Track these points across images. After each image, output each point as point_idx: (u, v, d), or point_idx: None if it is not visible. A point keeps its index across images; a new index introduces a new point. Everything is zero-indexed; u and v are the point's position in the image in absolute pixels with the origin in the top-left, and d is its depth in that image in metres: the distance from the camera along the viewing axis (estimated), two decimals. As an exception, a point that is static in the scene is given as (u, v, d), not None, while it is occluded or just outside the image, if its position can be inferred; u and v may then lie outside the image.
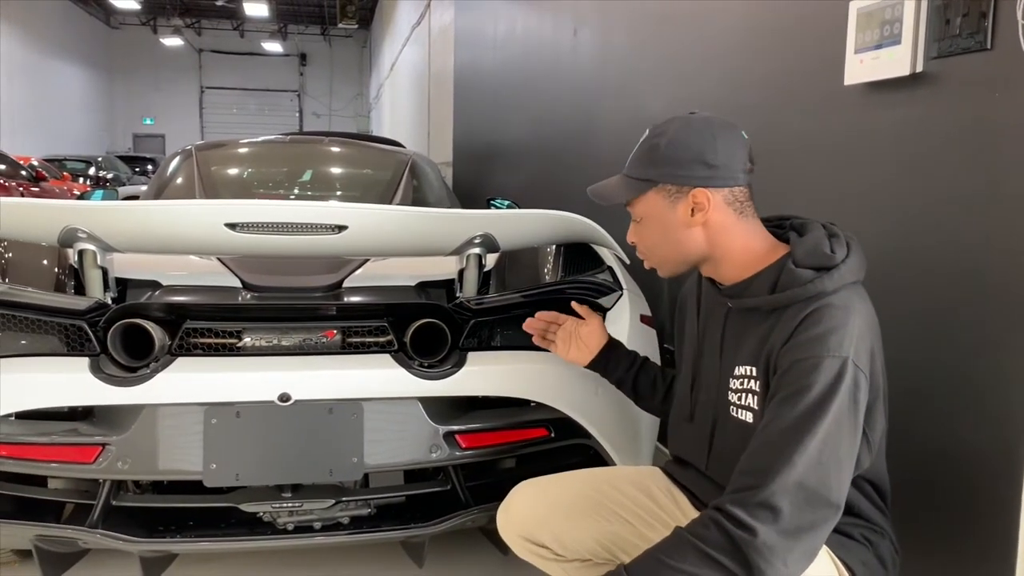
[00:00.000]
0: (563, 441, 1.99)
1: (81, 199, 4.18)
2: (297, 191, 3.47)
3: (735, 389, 1.34)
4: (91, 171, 16.18)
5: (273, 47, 29.41)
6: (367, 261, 2.16)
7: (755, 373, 1.30)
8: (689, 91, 2.85)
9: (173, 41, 27.21)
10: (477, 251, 2.00)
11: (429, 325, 1.90)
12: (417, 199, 3.33)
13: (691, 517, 1.24)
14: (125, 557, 1.88)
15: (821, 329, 1.20)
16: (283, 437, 1.79)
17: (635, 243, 1.46)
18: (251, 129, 24.79)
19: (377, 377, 1.84)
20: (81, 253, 1.85)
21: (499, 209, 3.45)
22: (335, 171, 3.80)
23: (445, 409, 1.90)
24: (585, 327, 1.76)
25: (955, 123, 1.56)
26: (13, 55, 19.60)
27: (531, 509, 1.52)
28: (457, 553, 2.44)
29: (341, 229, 1.82)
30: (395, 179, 3.41)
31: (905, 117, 1.69)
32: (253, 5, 22.50)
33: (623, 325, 2.06)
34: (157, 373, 1.75)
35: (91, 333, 1.82)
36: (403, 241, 2.02)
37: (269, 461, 1.80)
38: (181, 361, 1.80)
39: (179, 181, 3.26)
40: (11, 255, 1.99)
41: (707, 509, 1.20)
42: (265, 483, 1.83)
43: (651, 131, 1.39)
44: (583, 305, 1.81)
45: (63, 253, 2.04)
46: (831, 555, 1.27)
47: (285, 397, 1.77)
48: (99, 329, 1.81)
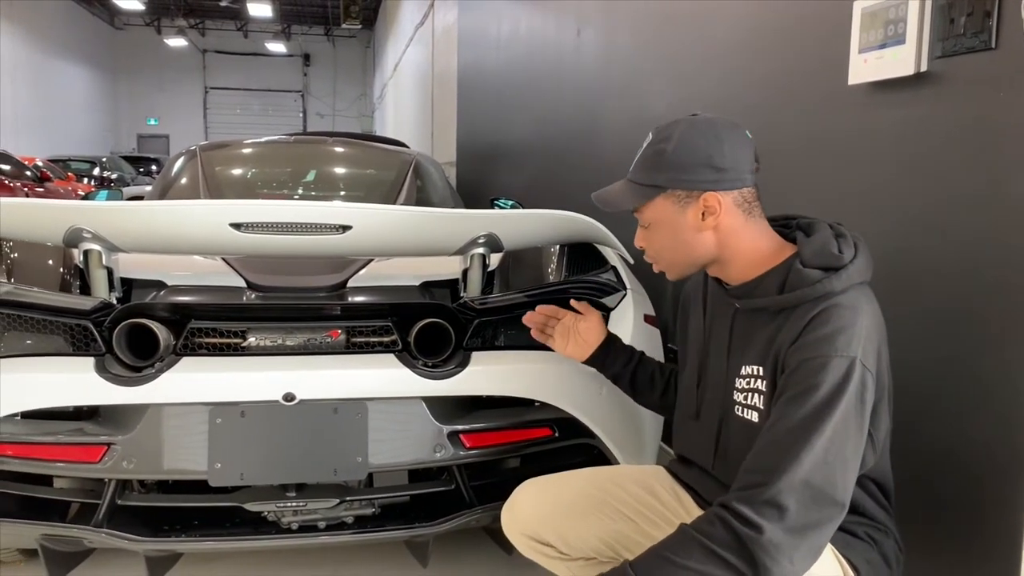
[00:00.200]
0: (567, 441, 1.99)
1: (85, 199, 4.19)
2: (301, 191, 3.47)
3: (741, 389, 1.34)
4: (95, 171, 16.23)
5: (277, 47, 29.45)
6: (371, 261, 2.16)
7: (762, 373, 1.30)
8: (692, 91, 2.85)
9: (177, 42, 27.27)
10: (481, 251, 2.00)
11: (433, 325, 1.90)
12: (421, 199, 3.33)
13: (695, 516, 1.24)
14: (130, 556, 1.89)
15: (829, 329, 1.20)
16: (288, 437, 1.80)
17: (643, 248, 1.44)
18: (255, 129, 24.83)
19: (381, 377, 1.84)
20: (86, 253, 1.85)
21: (503, 209, 3.45)
22: (339, 171, 3.81)
23: (449, 409, 1.90)
24: (584, 322, 1.76)
25: (959, 123, 1.55)
26: (18, 56, 19.66)
27: (535, 508, 1.52)
28: (461, 553, 2.44)
29: (345, 229, 1.82)
30: (399, 179, 3.41)
31: (909, 117, 1.69)
32: (257, 5, 22.52)
33: (627, 325, 2.06)
34: (162, 373, 1.75)
35: (96, 333, 1.82)
36: (407, 241, 2.02)
37: (274, 460, 1.81)
38: (186, 361, 1.80)
39: (183, 181, 3.27)
40: (17, 255, 2.00)
41: (713, 506, 1.20)
42: (270, 482, 1.83)
43: (655, 135, 1.37)
44: (582, 301, 1.81)
45: (68, 253, 2.04)
46: (836, 553, 1.28)
47: (290, 397, 1.77)
48: (104, 329, 1.82)
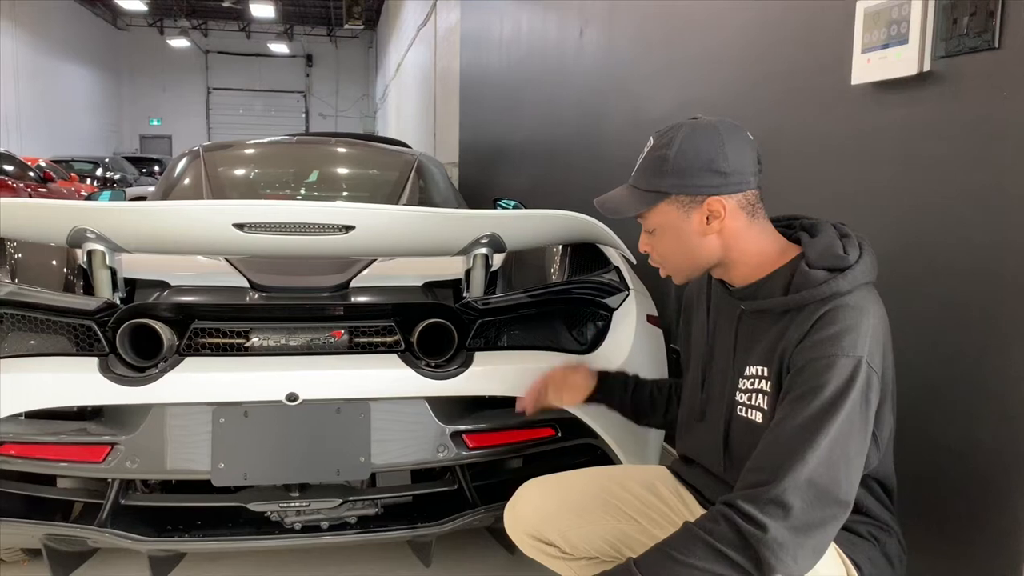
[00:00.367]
0: (570, 441, 1.99)
1: (88, 200, 4.20)
2: (304, 192, 3.47)
3: (744, 389, 1.34)
4: (98, 172, 16.26)
5: (279, 48, 29.48)
6: (374, 261, 2.16)
7: (766, 373, 1.30)
8: (695, 91, 2.85)
9: (180, 42, 27.31)
10: (484, 251, 2.00)
11: (436, 325, 1.90)
12: (423, 200, 3.33)
13: (698, 516, 1.24)
14: (134, 556, 1.90)
15: (836, 329, 1.21)
16: (291, 437, 1.80)
17: (648, 252, 1.43)
18: (257, 130, 24.86)
19: (384, 377, 1.85)
20: (90, 253, 1.85)
21: (505, 209, 3.45)
22: (342, 172, 3.81)
23: (452, 409, 1.90)
24: (575, 374, 1.77)
25: (962, 122, 1.55)
26: (20, 57, 19.70)
27: (539, 507, 1.52)
28: (464, 553, 2.44)
29: (348, 229, 1.82)
30: (402, 180, 3.41)
31: (912, 117, 1.69)
32: (259, 6, 22.55)
33: (629, 325, 2.07)
34: (165, 373, 1.76)
35: (100, 333, 1.83)
36: (410, 241, 2.02)
37: (277, 461, 1.81)
38: (189, 361, 1.80)
39: (187, 182, 3.27)
40: (20, 255, 2.00)
41: (717, 504, 1.21)
42: (273, 482, 1.84)
43: (656, 140, 1.36)
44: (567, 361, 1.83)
45: (72, 253, 2.05)
46: (839, 552, 1.28)
47: (293, 397, 1.77)
48: (108, 329, 1.82)
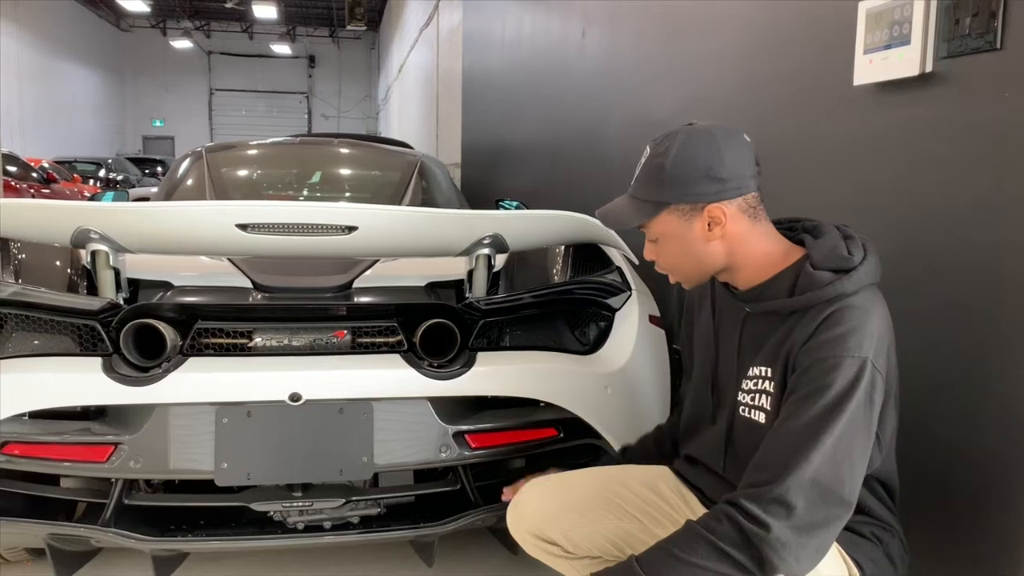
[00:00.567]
0: (572, 441, 1.99)
1: (92, 201, 4.21)
2: (307, 192, 3.48)
3: (747, 390, 1.34)
4: (101, 173, 16.29)
5: (282, 49, 29.50)
6: (377, 262, 2.17)
7: (770, 374, 1.30)
8: (697, 92, 2.85)
9: (183, 43, 27.33)
10: (486, 251, 2.00)
11: (439, 325, 1.90)
12: (426, 200, 3.34)
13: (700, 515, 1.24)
14: (137, 556, 1.90)
15: (842, 329, 1.21)
16: (294, 437, 1.80)
17: (653, 260, 1.43)
18: (260, 131, 24.88)
19: (387, 377, 1.85)
20: (94, 254, 1.86)
21: (508, 210, 3.46)
22: (344, 172, 3.81)
23: (455, 409, 1.91)
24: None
25: (965, 123, 1.55)
26: (24, 57, 19.73)
27: (541, 506, 1.52)
28: (467, 553, 2.45)
29: (351, 230, 1.83)
30: (404, 180, 3.42)
31: (914, 117, 1.69)
32: (262, 7, 22.56)
33: (632, 325, 2.07)
34: (169, 373, 1.76)
35: (104, 333, 1.83)
36: (413, 242, 2.03)
37: (280, 460, 1.81)
38: (193, 361, 1.81)
39: (190, 183, 3.28)
40: (24, 256, 2.01)
41: (720, 503, 1.21)
42: (276, 482, 1.84)
43: (652, 149, 1.35)
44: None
45: (75, 254, 2.05)
46: (841, 552, 1.28)
47: (296, 397, 1.77)
48: (112, 329, 1.83)
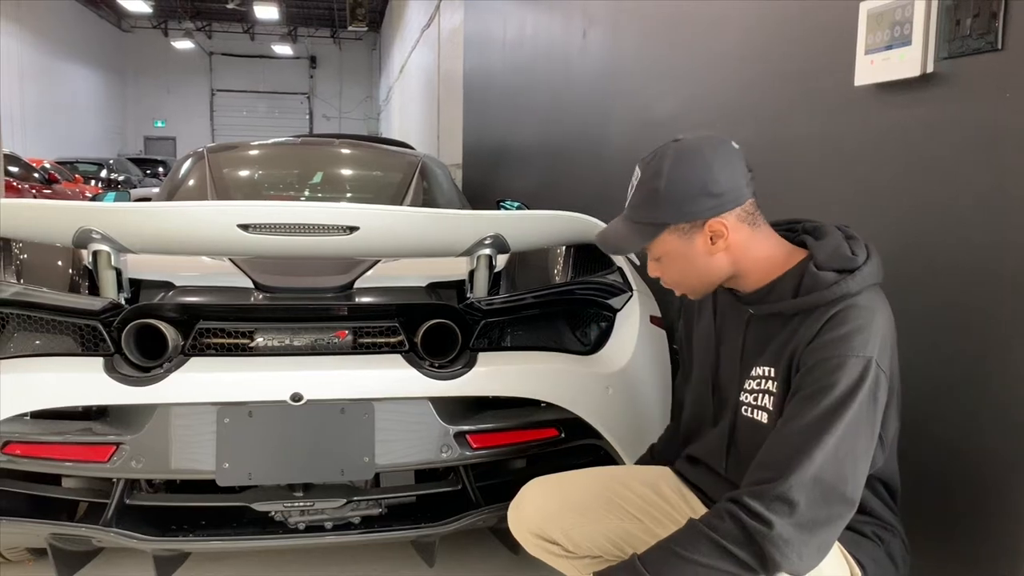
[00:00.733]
0: (573, 441, 1.99)
1: (93, 201, 4.21)
2: (308, 193, 3.48)
3: (750, 390, 1.35)
4: (103, 173, 16.31)
5: (283, 50, 29.52)
6: (378, 262, 2.17)
7: (773, 374, 1.31)
8: (698, 92, 2.86)
9: (184, 44, 27.36)
10: (487, 252, 2.00)
11: (440, 326, 1.90)
12: (427, 201, 3.34)
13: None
14: (138, 555, 1.90)
15: (847, 329, 1.21)
16: (295, 437, 1.80)
17: (659, 278, 1.44)
18: (262, 131, 24.85)
19: (388, 377, 1.85)
20: (95, 254, 1.86)
21: (509, 210, 3.46)
22: (346, 173, 3.82)
23: (456, 409, 1.91)
24: None
25: (966, 123, 1.55)
26: (25, 58, 19.75)
27: (542, 505, 1.52)
28: (468, 553, 2.45)
29: (352, 230, 1.83)
30: (405, 181, 3.42)
31: (916, 117, 1.69)
32: (263, 8, 22.60)
33: (633, 326, 2.07)
34: (170, 373, 1.76)
35: (105, 333, 1.84)
36: (414, 242, 2.03)
37: (281, 460, 1.81)
38: (194, 361, 1.81)
39: (191, 183, 3.28)
40: (26, 256, 2.01)
41: (722, 501, 1.21)
42: (277, 482, 1.84)
43: (643, 171, 1.35)
44: None
45: (77, 254, 2.06)
46: (843, 551, 1.28)
47: (297, 397, 1.78)
48: (113, 329, 1.83)
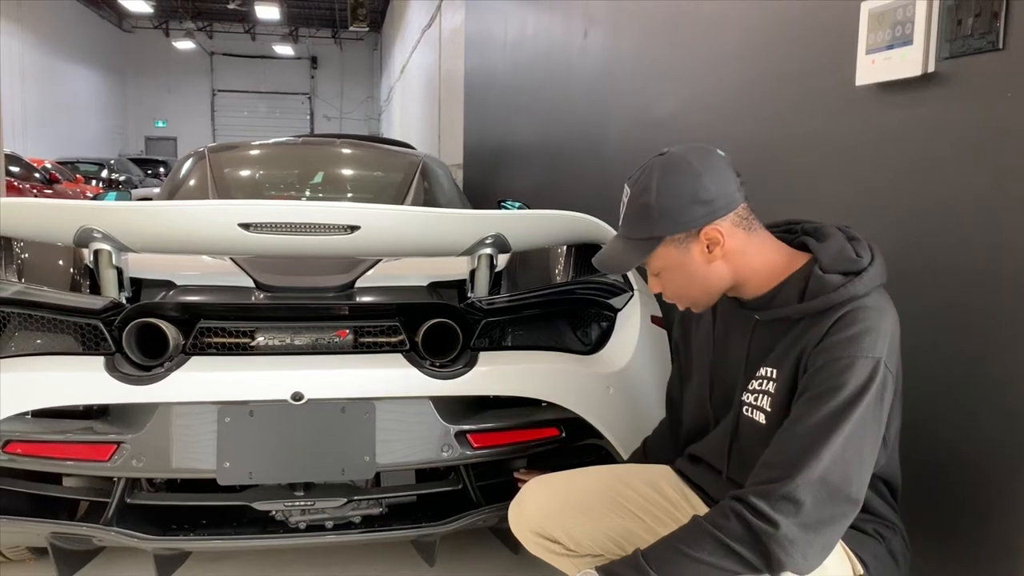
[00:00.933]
0: (574, 441, 1.99)
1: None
2: (309, 193, 3.48)
3: (752, 390, 1.35)
4: (104, 173, 16.31)
5: (284, 50, 29.53)
6: (379, 261, 2.17)
7: (774, 375, 1.31)
8: (699, 92, 2.86)
9: (185, 44, 27.37)
10: (488, 251, 2.00)
11: (441, 325, 1.90)
12: (428, 200, 3.34)
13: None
14: (139, 555, 1.90)
15: (856, 330, 1.22)
16: (296, 436, 1.80)
17: (660, 292, 1.43)
18: (263, 132, 24.83)
19: (389, 377, 1.85)
20: (96, 253, 1.86)
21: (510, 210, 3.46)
22: (347, 173, 3.82)
23: (457, 408, 1.91)
24: None
25: (967, 123, 1.55)
26: (27, 58, 19.75)
27: (543, 504, 1.52)
28: (468, 553, 2.45)
29: (353, 229, 1.83)
30: (406, 181, 3.42)
31: (917, 117, 1.69)
32: (264, 8, 22.60)
33: (634, 326, 2.07)
34: (171, 372, 1.76)
35: (106, 332, 1.83)
36: (415, 241, 2.03)
37: (282, 460, 1.81)
38: (195, 360, 1.81)
39: (192, 183, 3.28)
40: (27, 255, 2.01)
41: (727, 499, 1.21)
42: (278, 482, 1.84)
43: (632, 188, 1.35)
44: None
45: (78, 253, 2.06)
46: (845, 549, 1.28)
47: (298, 396, 1.77)
48: (114, 328, 1.83)
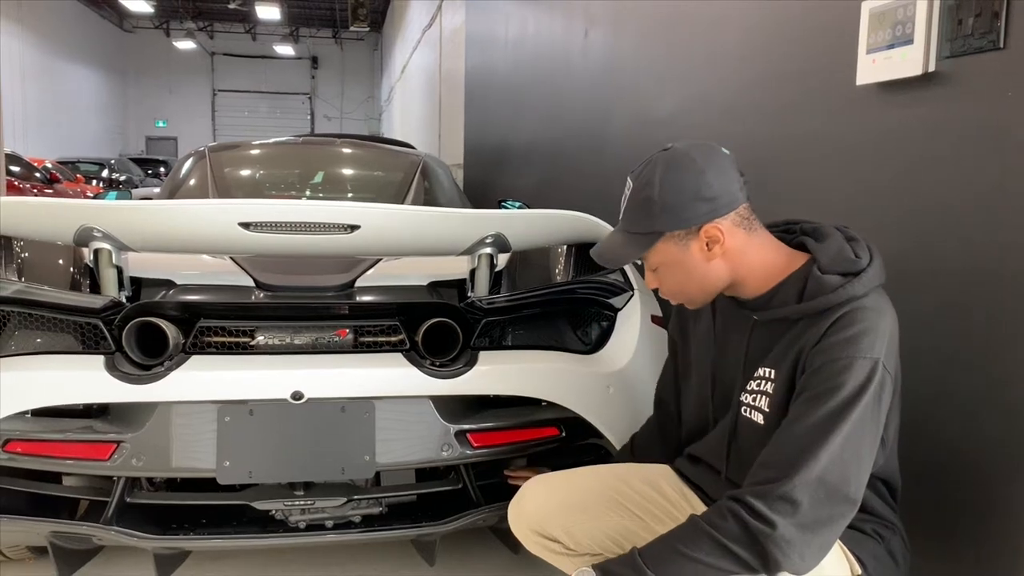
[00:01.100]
0: (574, 440, 1.99)
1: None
2: (309, 192, 3.48)
3: (750, 390, 1.35)
4: (104, 173, 16.31)
5: (285, 50, 29.54)
6: (379, 261, 2.16)
7: (772, 376, 1.31)
8: (699, 92, 2.85)
9: (186, 44, 27.36)
10: (489, 251, 2.00)
11: (441, 324, 1.90)
12: (428, 200, 3.34)
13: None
14: (139, 554, 1.90)
15: (854, 331, 1.21)
16: (296, 435, 1.80)
17: (656, 288, 1.43)
18: (263, 132, 24.78)
19: (389, 376, 1.85)
20: (96, 252, 1.86)
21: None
22: (347, 172, 3.82)
23: (457, 408, 1.90)
24: None
25: (967, 123, 1.55)
26: (27, 58, 19.76)
27: (542, 502, 1.52)
28: (468, 552, 2.45)
29: (353, 229, 1.83)
30: (407, 180, 3.42)
31: (917, 117, 1.69)
32: (265, 8, 22.61)
33: (634, 325, 2.06)
34: (171, 371, 1.76)
35: (106, 331, 1.83)
36: (415, 241, 2.02)
37: (282, 459, 1.81)
38: (195, 359, 1.81)
39: (192, 182, 3.28)
40: (27, 254, 2.01)
41: (724, 499, 1.21)
42: (278, 481, 1.84)
43: (635, 182, 1.35)
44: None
45: (78, 252, 2.06)
46: (844, 549, 1.28)
47: (298, 395, 1.77)
48: (114, 327, 1.83)
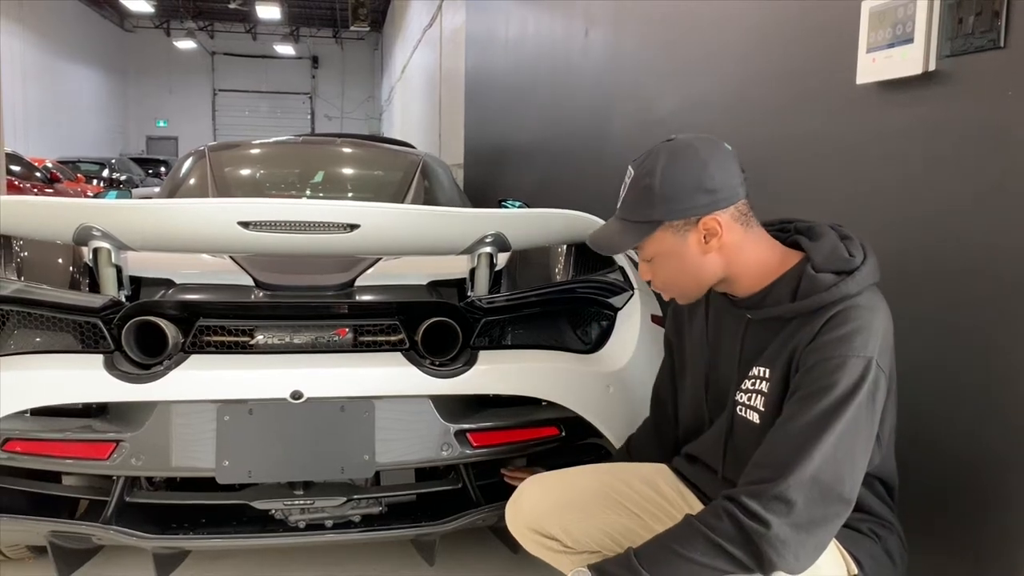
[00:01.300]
0: (574, 440, 1.99)
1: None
2: (309, 192, 3.48)
3: (745, 390, 1.35)
4: (105, 173, 16.32)
5: (285, 50, 29.54)
6: (379, 260, 2.17)
7: (767, 375, 1.30)
8: (699, 91, 2.85)
9: (186, 44, 27.36)
10: (488, 250, 2.00)
11: (440, 324, 1.90)
12: (428, 200, 3.34)
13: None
14: (138, 553, 1.90)
15: (847, 329, 1.21)
16: (295, 434, 1.80)
17: (650, 280, 1.43)
18: (263, 131, 24.68)
19: (389, 375, 1.85)
20: (96, 251, 1.86)
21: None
22: (347, 172, 3.82)
23: (456, 407, 1.90)
24: None
25: (968, 122, 1.55)
26: (28, 58, 19.76)
27: (540, 501, 1.52)
28: (468, 552, 2.45)
29: (353, 228, 1.83)
30: (407, 180, 3.42)
31: (917, 116, 1.69)
32: (265, 8, 22.61)
33: (634, 325, 2.06)
34: (171, 370, 1.76)
35: (106, 330, 1.83)
36: (415, 240, 2.02)
37: (281, 458, 1.81)
38: (194, 359, 1.81)
39: (192, 182, 3.28)
40: (27, 253, 2.01)
41: (719, 499, 1.21)
42: (277, 480, 1.84)
43: (637, 171, 1.35)
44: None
45: (78, 251, 2.06)
46: (840, 549, 1.28)
47: (297, 395, 1.77)
48: (113, 326, 1.82)
